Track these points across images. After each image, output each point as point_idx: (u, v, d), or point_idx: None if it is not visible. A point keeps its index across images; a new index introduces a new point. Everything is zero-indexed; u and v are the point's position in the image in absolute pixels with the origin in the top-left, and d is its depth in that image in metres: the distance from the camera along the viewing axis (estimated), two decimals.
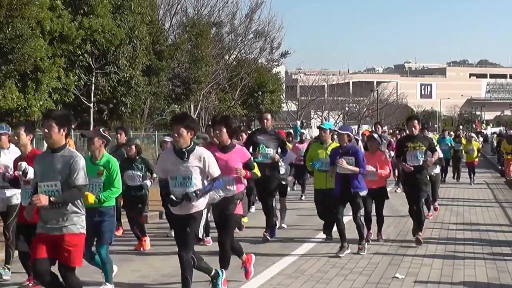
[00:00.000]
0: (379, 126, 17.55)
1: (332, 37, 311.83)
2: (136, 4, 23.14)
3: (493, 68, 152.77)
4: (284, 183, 12.00)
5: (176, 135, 6.66)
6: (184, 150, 6.70)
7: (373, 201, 10.81)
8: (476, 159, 23.48)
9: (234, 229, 8.29)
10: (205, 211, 6.94)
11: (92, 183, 7.25)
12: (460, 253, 9.86)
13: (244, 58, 37.59)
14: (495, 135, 42.76)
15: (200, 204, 6.83)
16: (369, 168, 10.17)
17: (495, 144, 37.09)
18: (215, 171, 6.85)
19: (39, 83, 18.63)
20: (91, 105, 22.07)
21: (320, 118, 63.73)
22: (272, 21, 39.86)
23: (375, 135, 11.38)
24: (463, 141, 25.65)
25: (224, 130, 7.77)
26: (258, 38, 38.22)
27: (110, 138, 7.96)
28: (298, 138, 22.04)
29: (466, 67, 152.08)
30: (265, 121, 11.10)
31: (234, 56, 37.20)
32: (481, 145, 38.65)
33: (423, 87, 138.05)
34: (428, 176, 13.26)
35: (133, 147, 10.61)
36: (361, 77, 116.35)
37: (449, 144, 23.21)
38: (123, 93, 22.76)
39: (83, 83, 21.69)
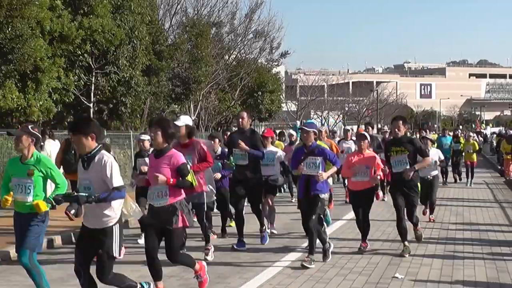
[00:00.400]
0: (369, 127, 16.14)
1: (332, 37, 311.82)
2: (136, 4, 23.14)
3: (492, 68, 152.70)
4: (274, 183, 11.75)
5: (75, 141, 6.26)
6: (85, 157, 6.21)
7: (360, 206, 10.03)
8: (475, 159, 22.97)
9: (181, 243, 7.61)
10: (116, 227, 6.24)
11: (21, 183, 6.90)
12: (459, 253, 9.88)
13: (244, 58, 37.59)
14: (495, 135, 42.73)
15: (112, 217, 6.21)
16: (359, 166, 9.85)
17: (495, 144, 37.11)
18: (115, 181, 6.13)
19: (39, 83, 18.63)
20: (91, 105, 22.07)
21: (320, 118, 63.78)
22: (271, 21, 40.00)
23: (366, 134, 10.62)
24: (462, 140, 25.50)
25: (160, 133, 7.01)
26: (258, 38, 38.23)
27: (39, 136, 7.33)
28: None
29: (465, 67, 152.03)
30: (241, 120, 10.42)
31: (234, 56, 37.19)
32: (481, 145, 38.64)
33: (422, 87, 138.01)
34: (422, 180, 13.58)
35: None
36: (360, 77, 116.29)
37: (450, 143, 23.05)
38: (123, 93, 22.76)
39: (83, 83, 21.69)
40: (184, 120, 9.13)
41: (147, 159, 9.40)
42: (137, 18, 23.17)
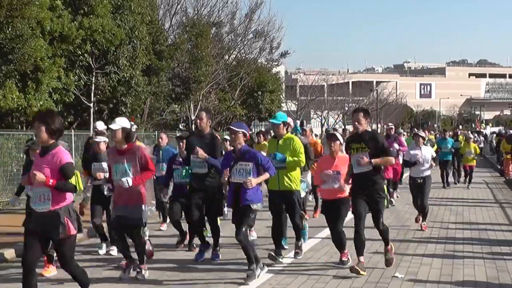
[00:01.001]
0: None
1: (332, 37, 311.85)
2: (136, 4, 23.13)
3: (492, 67, 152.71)
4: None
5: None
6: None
7: (331, 217, 8.89)
8: (474, 162, 21.72)
9: (73, 251, 6.81)
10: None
11: None
12: (459, 252, 9.89)
13: (243, 58, 37.59)
14: (495, 135, 42.71)
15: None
16: (328, 172, 8.75)
17: (495, 144, 37.11)
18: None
19: (39, 83, 18.62)
20: (91, 105, 22.06)
21: (320, 117, 63.78)
22: (271, 21, 40.01)
23: (338, 134, 9.32)
24: (461, 138, 25.32)
25: (43, 128, 6.37)
26: (258, 38, 38.23)
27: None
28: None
29: (465, 67, 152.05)
30: (199, 121, 9.26)
31: (234, 56, 37.18)
32: (481, 145, 38.35)
33: (422, 86, 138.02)
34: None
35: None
36: (360, 77, 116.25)
37: (451, 147, 21.25)
38: (123, 93, 22.76)
39: (83, 83, 21.68)
40: (120, 123, 8.04)
41: (104, 164, 8.92)
42: (137, 18, 23.17)
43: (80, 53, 20.91)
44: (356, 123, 8.38)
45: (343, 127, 50.34)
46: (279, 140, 9.13)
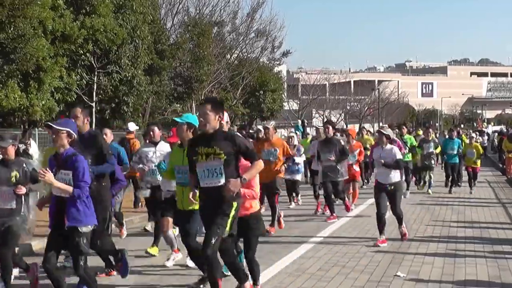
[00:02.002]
0: (328, 127, 13.15)
1: (333, 36, 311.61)
2: (138, 3, 23.12)
3: (494, 66, 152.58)
4: None
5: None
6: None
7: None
8: (479, 165, 19.84)
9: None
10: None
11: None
12: (461, 251, 9.89)
13: (245, 57, 37.57)
14: (496, 134, 42.63)
15: None
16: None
17: (496, 143, 37.06)
18: None
19: (41, 83, 18.63)
20: (93, 104, 22.06)
21: (322, 117, 63.75)
22: (273, 20, 39.80)
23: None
24: (464, 138, 24.95)
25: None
26: (260, 37, 38.20)
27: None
28: (301, 137, 22.03)
29: (467, 66, 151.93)
30: (75, 120, 7.38)
31: (236, 55, 37.17)
32: (485, 144, 38.04)
33: (424, 85, 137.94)
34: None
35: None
36: (362, 76, 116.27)
37: (457, 148, 19.12)
38: (125, 92, 22.75)
39: (85, 82, 21.68)
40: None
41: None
42: (139, 18, 23.17)
43: (82, 52, 20.91)
44: (202, 119, 6.45)
45: (344, 126, 50.27)
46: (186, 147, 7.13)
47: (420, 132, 22.88)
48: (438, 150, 19.38)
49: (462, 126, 67.13)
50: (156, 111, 28.58)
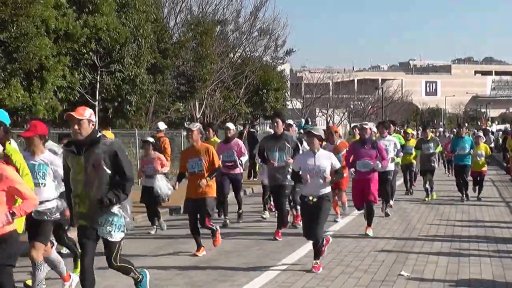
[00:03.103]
0: (278, 120, 11.04)
1: (337, 35, 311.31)
2: (140, 2, 23.10)
3: (498, 65, 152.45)
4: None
5: None
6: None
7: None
8: (485, 167, 17.65)
9: None
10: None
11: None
12: (465, 250, 9.85)
13: (248, 56, 37.52)
14: (501, 133, 42.50)
15: None
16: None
17: (501, 142, 36.93)
18: None
19: (44, 82, 18.62)
20: (96, 103, 22.06)
21: (325, 115, 63.73)
22: (276, 19, 39.85)
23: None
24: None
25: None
26: (263, 36, 38.13)
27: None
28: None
29: (471, 64, 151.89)
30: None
31: (239, 54, 37.14)
32: (492, 145, 37.68)
33: (428, 84, 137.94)
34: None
35: None
36: (366, 75, 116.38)
37: (470, 148, 16.70)
38: (128, 91, 22.74)
39: (88, 81, 21.68)
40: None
41: None
42: (142, 16, 23.15)
43: (85, 51, 20.90)
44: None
45: (348, 125, 50.13)
46: None
47: (410, 131, 20.22)
48: (439, 149, 18.21)
49: (466, 125, 66.73)
50: (159, 110, 28.57)
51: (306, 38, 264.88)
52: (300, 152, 10.84)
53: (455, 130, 17.37)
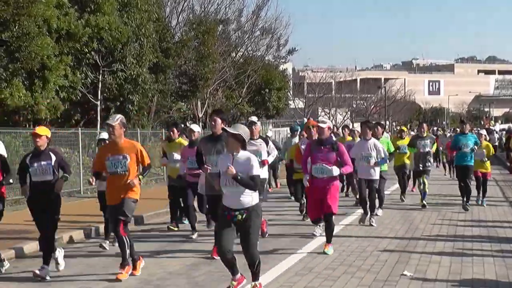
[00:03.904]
0: (216, 119, 9.26)
1: (339, 34, 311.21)
2: (142, 1, 23.11)
3: (501, 64, 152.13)
4: None
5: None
6: None
7: None
8: (489, 168, 16.06)
9: None
10: None
11: None
12: (468, 250, 9.80)
13: (251, 55, 37.53)
14: (504, 132, 42.42)
15: None
16: None
17: (504, 141, 36.86)
18: None
19: (46, 81, 18.63)
20: (98, 103, 22.07)
21: (328, 115, 63.65)
22: (279, 18, 39.84)
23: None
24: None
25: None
26: (265, 35, 38.16)
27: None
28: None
29: (474, 64, 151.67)
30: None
31: (241, 53, 37.14)
32: (495, 143, 37.48)
33: (431, 83, 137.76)
34: None
35: None
36: (368, 74, 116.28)
37: (473, 145, 14.75)
38: (130, 90, 22.75)
39: (90, 81, 21.69)
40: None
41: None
42: (144, 16, 23.15)
43: (87, 51, 20.91)
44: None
45: (350, 125, 50.08)
46: None
47: (405, 129, 18.45)
48: (435, 148, 16.46)
49: (470, 122, 66.49)
50: (161, 110, 28.56)
51: (308, 38, 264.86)
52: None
53: (457, 129, 14.57)
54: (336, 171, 9.56)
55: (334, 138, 10.48)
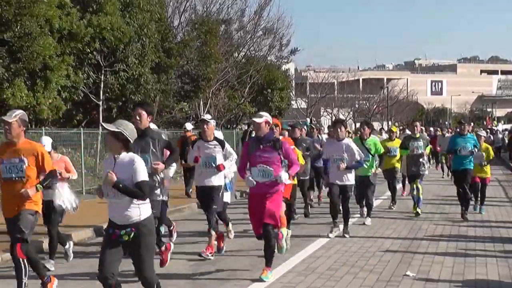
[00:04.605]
0: (141, 112, 8.33)
1: (342, 34, 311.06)
2: (145, 1, 23.09)
3: (504, 64, 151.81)
4: None
5: None
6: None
7: None
8: (489, 173, 14.45)
9: None
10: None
11: None
12: (471, 250, 9.77)
13: (253, 55, 37.51)
14: (507, 132, 42.35)
15: None
16: None
17: (507, 141, 36.80)
18: None
19: (48, 81, 18.61)
20: (100, 103, 22.06)
21: (330, 115, 63.62)
22: (281, 18, 39.69)
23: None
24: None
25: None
26: (267, 35, 38.11)
27: None
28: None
29: (477, 64, 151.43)
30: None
31: (243, 53, 37.12)
32: (499, 144, 37.28)
33: (433, 84, 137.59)
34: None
35: None
36: (371, 74, 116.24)
37: (473, 148, 13.25)
38: (132, 90, 22.73)
39: (92, 81, 21.68)
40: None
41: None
42: (146, 16, 23.13)
43: (89, 51, 20.89)
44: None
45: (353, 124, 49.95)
46: None
47: (395, 129, 16.98)
48: (428, 149, 14.93)
49: (472, 124, 66.43)
50: (164, 110, 28.53)
51: (311, 38, 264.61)
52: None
53: (457, 130, 13.15)
54: (283, 174, 8.02)
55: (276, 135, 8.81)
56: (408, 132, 20.07)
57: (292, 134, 12.91)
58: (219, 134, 9.98)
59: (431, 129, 30.56)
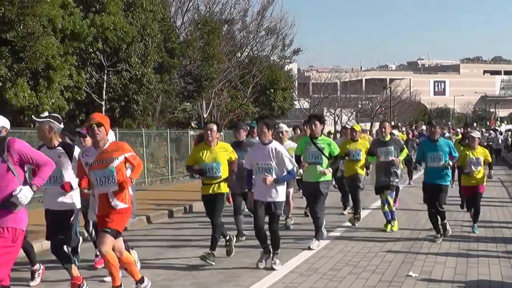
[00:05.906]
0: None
1: (345, 34, 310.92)
2: (147, 1, 23.09)
3: (507, 64, 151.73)
4: None
5: None
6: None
7: None
8: (484, 182, 11.59)
9: None
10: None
11: None
12: (474, 251, 9.76)
13: (256, 55, 37.50)
14: (510, 132, 42.27)
15: None
16: None
17: (510, 142, 36.76)
18: None
19: (51, 81, 18.59)
20: (103, 103, 22.06)
21: (333, 115, 63.57)
22: (284, 18, 39.70)
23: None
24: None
25: None
26: (270, 35, 38.12)
27: None
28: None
29: (480, 64, 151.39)
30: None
31: (246, 53, 37.12)
32: (501, 144, 37.04)
33: (436, 84, 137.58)
34: None
35: None
36: (374, 74, 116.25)
37: (445, 155, 10.54)
38: (135, 90, 22.73)
39: (94, 81, 21.67)
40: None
41: None
42: (149, 16, 23.13)
43: (91, 51, 20.90)
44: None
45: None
46: None
47: (358, 128, 13.59)
48: (404, 155, 12.05)
49: (475, 124, 66.24)
50: (166, 110, 28.56)
51: (313, 38, 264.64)
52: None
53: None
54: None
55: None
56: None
57: (236, 136, 10.81)
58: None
59: (423, 127, 29.36)
